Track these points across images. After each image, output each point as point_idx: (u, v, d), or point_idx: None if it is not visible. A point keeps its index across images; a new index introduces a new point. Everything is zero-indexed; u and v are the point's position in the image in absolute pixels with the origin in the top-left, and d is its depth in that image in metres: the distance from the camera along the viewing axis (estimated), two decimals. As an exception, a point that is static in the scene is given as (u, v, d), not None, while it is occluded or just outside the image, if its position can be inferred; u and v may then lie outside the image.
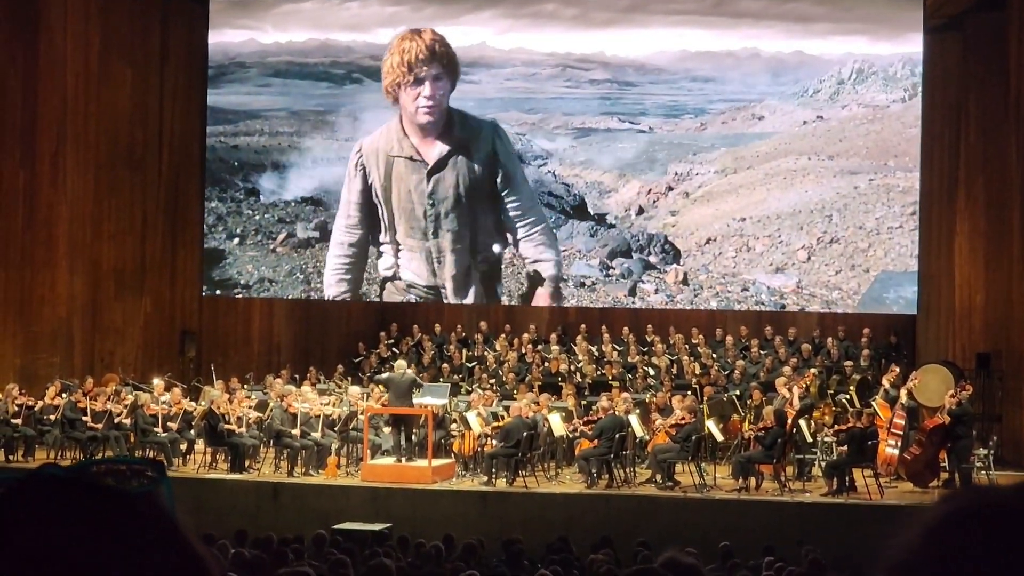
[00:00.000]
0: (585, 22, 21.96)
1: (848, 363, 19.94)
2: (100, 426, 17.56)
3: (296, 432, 16.86)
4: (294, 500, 16.09)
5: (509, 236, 21.76)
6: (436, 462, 16.53)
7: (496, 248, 21.85)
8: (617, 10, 21.73)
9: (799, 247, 20.95)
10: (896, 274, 20.41)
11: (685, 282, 21.27)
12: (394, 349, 22.69)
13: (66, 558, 0.99)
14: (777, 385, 18.01)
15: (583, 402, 18.62)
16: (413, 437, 16.93)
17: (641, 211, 21.72)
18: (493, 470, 16.22)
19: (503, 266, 21.75)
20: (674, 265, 21.38)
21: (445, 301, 22.34)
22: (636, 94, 21.84)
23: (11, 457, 17.64)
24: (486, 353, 21.87)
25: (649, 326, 22.32)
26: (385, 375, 17.75)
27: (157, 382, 18.78)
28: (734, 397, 18.32)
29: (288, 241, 22.58)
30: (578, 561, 11.37)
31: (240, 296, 22.99)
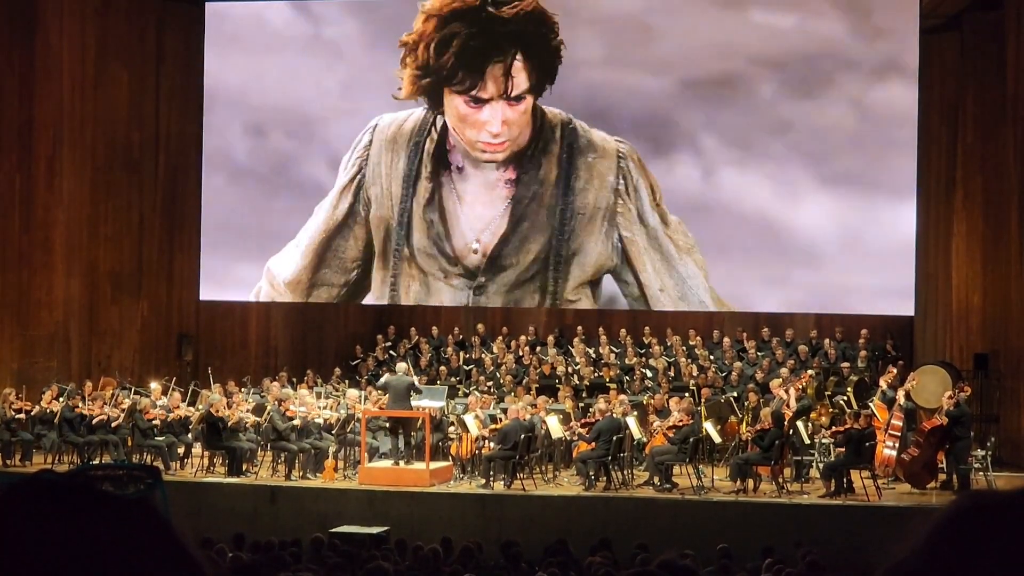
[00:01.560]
0: None
1: (845, 364, 19.96)
2: (100, 424, 17.53)
3: (297, 425, 16.86)
4: (292, 504, 16.08)
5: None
6: (434, 465, 16.51)
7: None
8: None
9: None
10: (886, 277, 20.34)
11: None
12: (391, 352, 22.68)
13: (62, 563, 0.99)
14: (772, 387, 18.01)
15: (580, 404, 18.60)
16: (411, 440, 16.92)
17: None
18: (491, 473, 16.20)
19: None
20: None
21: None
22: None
23: (8, 461, 17.63)
24: (483, 355, 21.86)
25: (646, 328, 22.32)
26: (383, 379, 17.71)
27: (154, 386, 18.77)
28: (731, 399, 18.32)
29: None
30: (576, 563, 11.37)
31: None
